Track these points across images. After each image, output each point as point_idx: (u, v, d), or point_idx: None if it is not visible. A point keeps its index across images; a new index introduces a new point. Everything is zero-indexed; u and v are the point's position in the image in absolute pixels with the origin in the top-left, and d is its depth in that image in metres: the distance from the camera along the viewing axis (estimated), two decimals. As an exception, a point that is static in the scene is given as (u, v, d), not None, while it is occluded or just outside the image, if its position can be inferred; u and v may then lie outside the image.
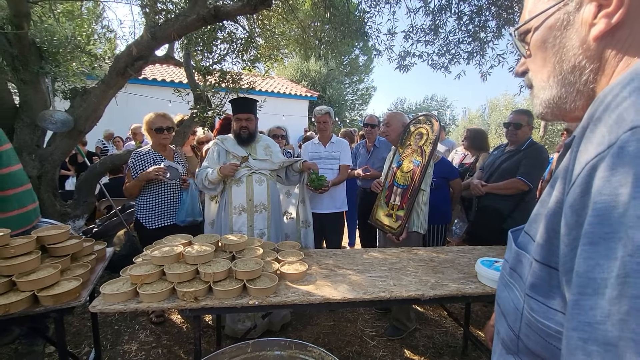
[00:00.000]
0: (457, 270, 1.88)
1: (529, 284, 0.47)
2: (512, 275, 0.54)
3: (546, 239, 0.45)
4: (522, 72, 0.59)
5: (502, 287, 0.57)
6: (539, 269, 0.46)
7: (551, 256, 0.44)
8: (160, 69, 11.25)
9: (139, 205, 2.56)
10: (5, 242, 1.50)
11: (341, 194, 3.16)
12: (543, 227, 0.46)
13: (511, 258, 0.56)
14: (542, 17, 0.51)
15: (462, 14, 3.81)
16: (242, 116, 2.44)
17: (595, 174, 0.36)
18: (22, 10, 2.58)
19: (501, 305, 0.56)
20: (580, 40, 0.46)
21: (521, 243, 0.55)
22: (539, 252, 0.46)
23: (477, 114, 19.15)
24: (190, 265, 1.60)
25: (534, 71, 0.56)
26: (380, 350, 2.41)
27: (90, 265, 1.70)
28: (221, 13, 2.60)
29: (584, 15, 0.45)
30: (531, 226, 0.54)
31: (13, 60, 2.74)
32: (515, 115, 2.73)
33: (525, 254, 0.51)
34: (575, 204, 0.38)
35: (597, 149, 0.37)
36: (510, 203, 2.65)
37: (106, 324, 2.63)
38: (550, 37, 0.50)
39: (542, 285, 0.45)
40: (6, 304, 1.33)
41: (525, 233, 0.55)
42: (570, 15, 0.47)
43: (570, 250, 0.38)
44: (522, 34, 0.56)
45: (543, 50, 0.52)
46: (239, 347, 1.27)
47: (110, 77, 2.95)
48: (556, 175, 0.48)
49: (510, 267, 0.55)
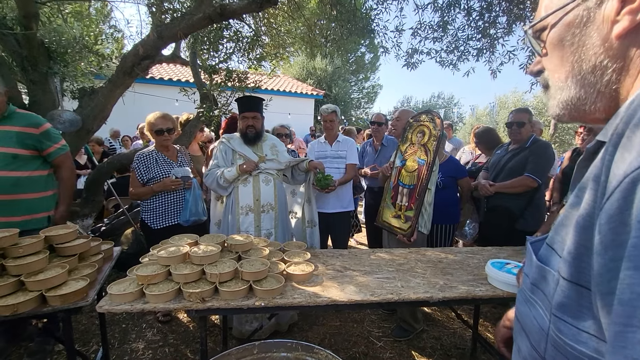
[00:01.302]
0: (466, 271, 1.85)
1: (556, 303, 0.44)
2: (533, 291, 0.51)
3: (575, 256, 0.42)
4: (537, 71, 0.57)
5: (523, 302, 0.54)
6: (568, 288, 0.43)
7: (581, 274, 0.41)
8: (167, 68, 11.33)
9: (144, 206, 2.56)
10: (14, 242, 1.51)
11: (347, 193, 3.13)
12: (571, 242, 0.43)
13: (532, 272, 0.53)
14: (559, 14, 0.48)
15: (471, 10, 3.74)
16: (248, 114, 2.43)
17: (637, 188, 0.33)
18: (31, 11, 2.60)
19: (522, 322, 0.54)
20: (602, 38, 0.44)
21: (543, 256, 0.52)
22: (566, 270, 0.43)
23: (485, 111, 18.93)
24: (196, 266, 1.59)
25: (550, 70, 0.53)
26: (387, 352, 2.39)
27: (97, 265, 1.70)
28: (227, 12, 2.59)
29: (606, 12, 0.43)
30: (555, 239, 0.50)
31: (22, 61, 2.77)
32: (517, 114, 2.72)
33: (550, 270, 0.48)
34: (612, 220, 0.35)
35: (639, 160, 0.34)
36: (521, 202, 2.61)
37: (114, 322, 2.65)
38: (568, 35, 0.48)
39: (571, 305, 0.42)
40: (15, 304, 1.34)
41: (547, 246, 0.52)
42: (590, 11, 0.44)
43: (607, 271, 0.36)
44: (538, 31, 0.53)
45: (560, 49, 0.49)
46: (246, 349, 1.26)
47: (118, 77, 2.96)
48: (583, 185, 0.44)
49: (532, 282, 0.52)
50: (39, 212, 2.08)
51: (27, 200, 2.03)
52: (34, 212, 2.05)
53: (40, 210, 2.09)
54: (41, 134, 2.06)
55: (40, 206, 2.09)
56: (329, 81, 17.34)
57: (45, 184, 2.13)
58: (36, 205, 2.07)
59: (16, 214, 1.98)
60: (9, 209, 1.96)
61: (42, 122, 2.11)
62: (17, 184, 1.98)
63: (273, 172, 2.47)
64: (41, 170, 2.10)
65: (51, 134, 2.12)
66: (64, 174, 2.17)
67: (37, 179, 2.08)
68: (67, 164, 2.19)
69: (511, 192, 2.62)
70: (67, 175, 2.19)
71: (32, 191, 2.05)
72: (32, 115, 2.13)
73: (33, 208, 2.05)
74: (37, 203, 2.08)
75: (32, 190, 2.05)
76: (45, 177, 2.13)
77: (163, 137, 2.54)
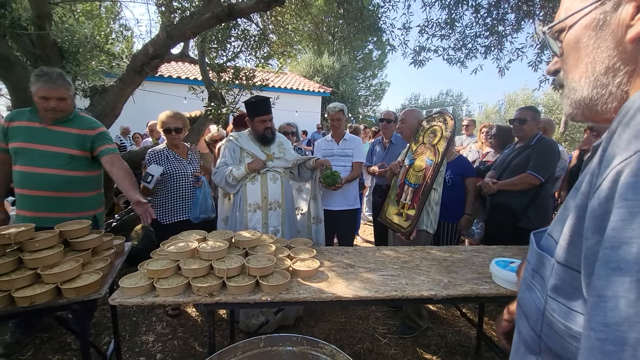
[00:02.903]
0: (471, 270, 1.86)
1: (551, 285, 0.48)
2: (534, 277, 0.55)
3: (569, 242, 0.45)
4: (555, 71, 0.59)
5: (524, 289, 0.58)
6: (561, 271, 0.46)
7: (574, 258, 0.44)
8: (175, 66, 11.44)
9: (154, 202, 2.62)
10: (31, 236, 1.57)
11: (354, 191, 3.15)
12: (567, 229, 0.46)
13: (533, 259, 0.56)
14: (577, 16, 0.50)
15: (479, 7, 3.70)
16: (265, 117, 2.44)
17: (620, 178, 0.36)
18: (44, 12, 2.66)
19: (523, 306, 0.57)
20: (616, 42, 0.45)
21: (544, 245, 0.55)
22: (561, 255, 0.47)
23: (494, 109, 18.67)
24: (204, 261, 1.63)
25: (565, 71, 0.55)
26: (391, 348, 2.41)
27: (109, 260, 1.76)
28: (235, 11, 2.61)
29: (622, 16, 0.44)
30: (554, 228, 0.54)
31: (36, 60, 2.84)
32: (520, 112, 2.73)
33: (547, 256, 0.51)
34: (599, 208, 0.38)
35: (623, 155, 0.37)
36: (524, 200, 2.60)
37: (125, 315, 2.72)
38: (584, 37, 0.49)
39: (564, 287, 0.46)
40: (32, 295, 1.39)
41: (548, 235, 0.55)
42: (607, 15, 0.46)
43: (592, 253, 0.39)
44: (557, 32, 0.55)
45: (576, 50, 0.51)
46: (252, 342, 1.29)
47: (128, 76, 3.02)
48: (582, 179, 0.48)
49: (533, 268, 0.56)
50: (87, 210, 2.18)
51: (77, 198, 2.13)
52: (82, 210, 2.14)
53: (88, 209, 2.19)
54: (96, 135, 2.15)
55: (88, 204, 2.20)
56: (336, 78, 17.29)
57: (94, 184, 2.24)
58: (85, 203, 2.17)
59: (67, 210, 2.07)
60: (61, 206, 2.06)
61: (98, 125, 2.22)
62: (70, 182, 2.08)
63: (280, 170, 2.49)
64: (92, 171, 2.21)
65: (105, 136, 2.21)
66: (119, 166, 2.14)
67: (88, 179, 2.18)
68: (118, 160, 2.18)
69: (514, 190, 2.61)
70: (123, 167, 2.16)
71: (83, 190, 2.16)
72: (91, 119, 2.24)
73: (82, 206, 2.15)
74: (86, 201, 2.18)
75: (83, 190, 2.16)
76: (96, 177, 2.25)
77: (171, 135, 2.61)
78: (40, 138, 2.02)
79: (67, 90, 2.03)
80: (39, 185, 2.01)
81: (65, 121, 2.07)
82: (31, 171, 2.00)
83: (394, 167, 2.69)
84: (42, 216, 1.99)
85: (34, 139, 2.01)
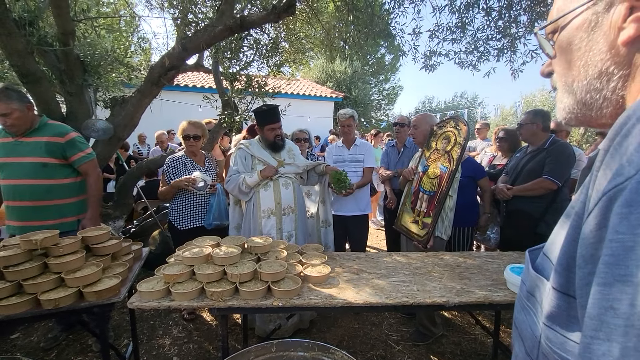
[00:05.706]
0: (485, 276, 1.83)
1: (547, 313, 0.44)
2: (529, 299, 0.52)
3: (565, 267, 0.42)
4: (548, 73, 0.56)
5: (520, 309, 0.55)
6: (557, 298, 0.43)
7: (570, 284, 0.41)
8: (190, 75, 11.74)
9: (172, 208, 2.71)
10: (55, 242, 1.66)
11: (365, 196, 3.16)
12: (562, 253, 0.43)
13: (528, 280, 0.53)
14: (569, 17, 0.47)
15: (490, 10, 3.67)
16: (275, 126, 2.49)
17: (613, 207, 0.34)
18: (69, 29, 2.82)
19: (519, 328, 0.54)
20: (609, 44, 0.43)
21: (539, 266, 0.52)
22: (557, 280, 0.43)
23: (511, 111, 18.27)
24: (218, 266, 1.67)
25: (558, 74, 0.52)
26: (405, 356, 2.38)
27: (128, 264, 1.83)
28: (247, 22, 2.69)
29: (614, 18, 0.42)
30: (550, 248, 0.51)
31: (60, 74, 3.00)
32: (524, 116, 2.72)
33: (543, 279, 0.48)
34: (591, 236, 0.36)
35: (616, 180, 0.34)
36: (541, 205, 2.53)
37: (142, 319, 2.80)
38: (576, 39, 0.47)
39: (561, 315, 0.43)
40: (56, 298, 1.47)
41: (543, 255, 0.52)
42: (598, 16, 0.44)
43: (585, 284, 0.37)
44: (550, 33, 0.52)
45: (568, 52, 0.49)
46: (264, 347, 1.31)
47: (146, 87, 3.14)
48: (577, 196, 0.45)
49: (528, 290, 0.53)
50: (70, 216, 2.26)
51: (59, 205, 2.22)
52: (64, 216, 2.24)
53: (71, 215, 2.27)
54: (66, 142, 2.21)
55: (71, 210, 2.27)
56: (349, 83, 17.33)
57: (76, 190, 2.30)
58: (67, 209, 2.26)
59: (49, 217, 2.17)
60: (43, 214, 2.16)
61: (68, 131, 2.26)
62: (49, 191, 2.17)
63: (292, 175, 2.53)
64: (72, 178, 2.28)
65: (76, 143, 2.25)
66: (90, 180, 2.30)
67: (68, 186, 2.25)
68: (92, 171, 2.31)
69: (530, 195, 2.56)
70: (93, 181, 2.31)
71: (64, 197, 2.24)
72: (60, 125, 2.30)
73: (64, 212, 2.24)
74: (68, 208, 2.26)
75: (64, 197, 2.24)
76: (76, 184, 2.30)
77: (189, 142, 2.70)
78: (13, 151, 2.13)
79: (6, 105, 2.00)
80: (21, 196, 2.13)
81: (32, 131, 2.15)
82: (13, 183, 2.13)
83: (407, 174, 2.67)
84: (27, 225, 2.10)
85: (10, 152, 2.13)
